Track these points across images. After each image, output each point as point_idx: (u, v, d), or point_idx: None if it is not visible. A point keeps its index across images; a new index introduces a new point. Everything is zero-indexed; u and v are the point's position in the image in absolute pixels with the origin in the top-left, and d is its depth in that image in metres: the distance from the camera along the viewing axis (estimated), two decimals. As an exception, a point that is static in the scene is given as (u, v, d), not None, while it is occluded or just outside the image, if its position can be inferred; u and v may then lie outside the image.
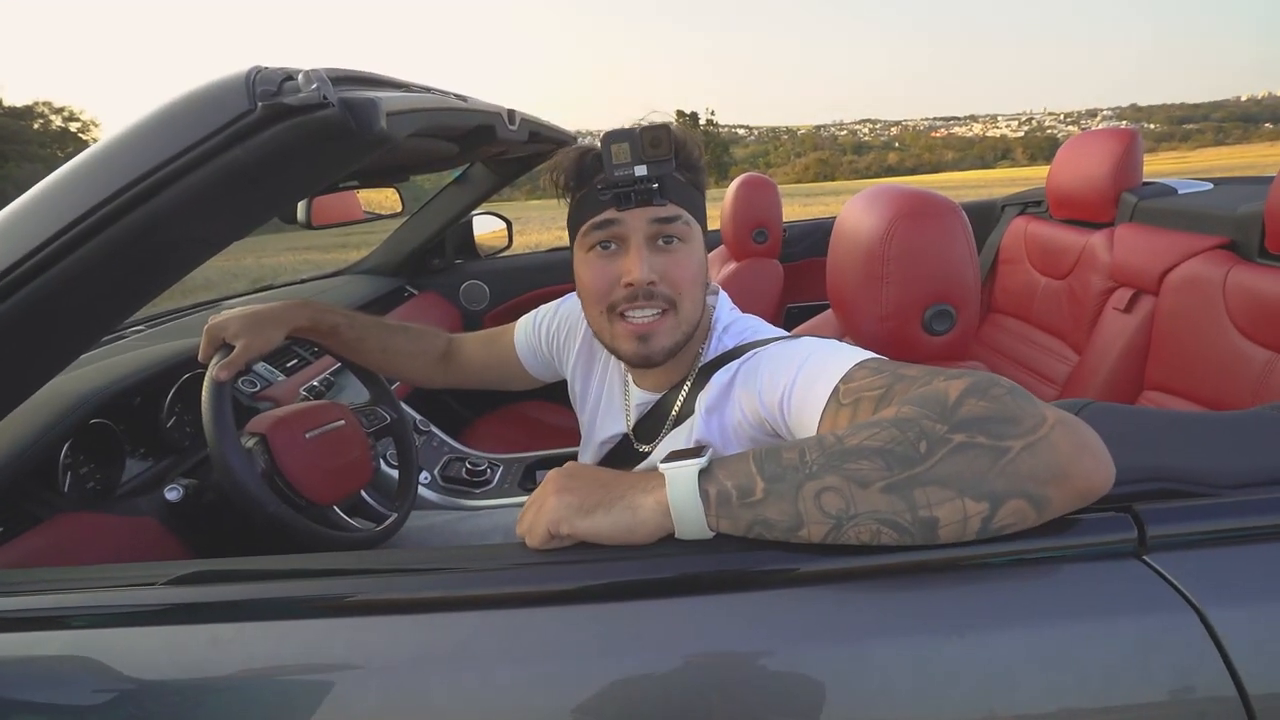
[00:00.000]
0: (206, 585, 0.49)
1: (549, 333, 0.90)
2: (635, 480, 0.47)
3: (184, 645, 0.47)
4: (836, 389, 0.52)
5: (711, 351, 0.70)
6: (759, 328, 0.72)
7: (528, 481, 1.37)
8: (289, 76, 0.52)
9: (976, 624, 0.42)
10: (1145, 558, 0.44)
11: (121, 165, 0.50)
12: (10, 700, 0.48)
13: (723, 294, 0.76)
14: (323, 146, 0.53)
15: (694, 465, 0.45)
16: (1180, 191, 1.49)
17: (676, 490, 0.44)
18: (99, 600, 0.50)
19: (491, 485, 1.36)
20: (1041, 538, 0.42)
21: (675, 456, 0.46)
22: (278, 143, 0.51)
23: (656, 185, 0.62)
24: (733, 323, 0.72)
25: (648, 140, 0.61)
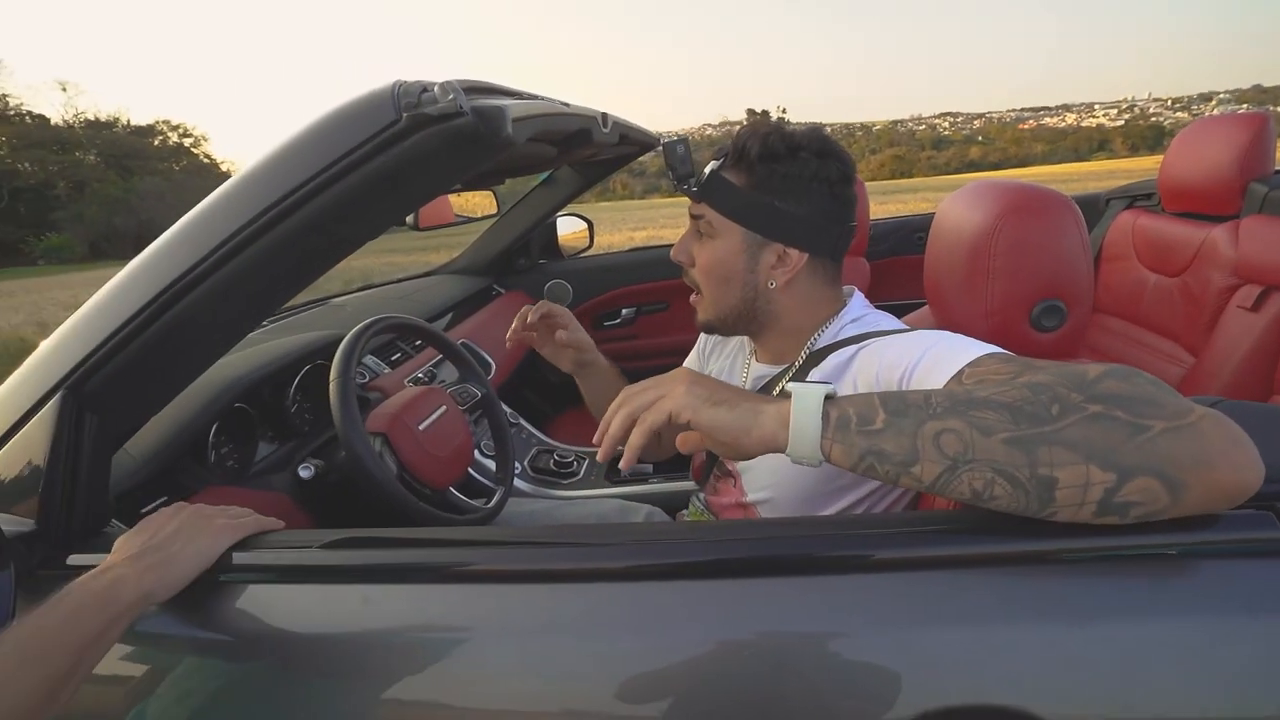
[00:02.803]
0: (357, 550, 0.55)
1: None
2: (760, 396, 0.50)
3: (339, 602, 0.52)
4: (961, 371, 0.52)
5: (829, 338, 0.73)
6: (884, 322, 0.74)
7: (613, 474, 1.41)
8: (425, 88, 0.57)
9: (1107, 614, 0.41)
10: (1292, 559, 0.42)
11: (288, 171, 0.56)
12: (187, 641, 0.55)
13: (858, 295, 0.79)
14: (456, 151, 0.58)
15: (821, 387, 0.47)
16: None
17: (801, 404, 0.46)
18: (263, 559, 0.57)
19: (578, 477, 1.41)
20: (1179, 532, 0.41)
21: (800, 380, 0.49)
22: (418, 149, 0.56)
23: (690, 185, 0.74)
24: (862, 317, 0.75)
25: (668, 151, 0.74)
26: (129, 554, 0.53)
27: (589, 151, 1.30)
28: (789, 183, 0.70)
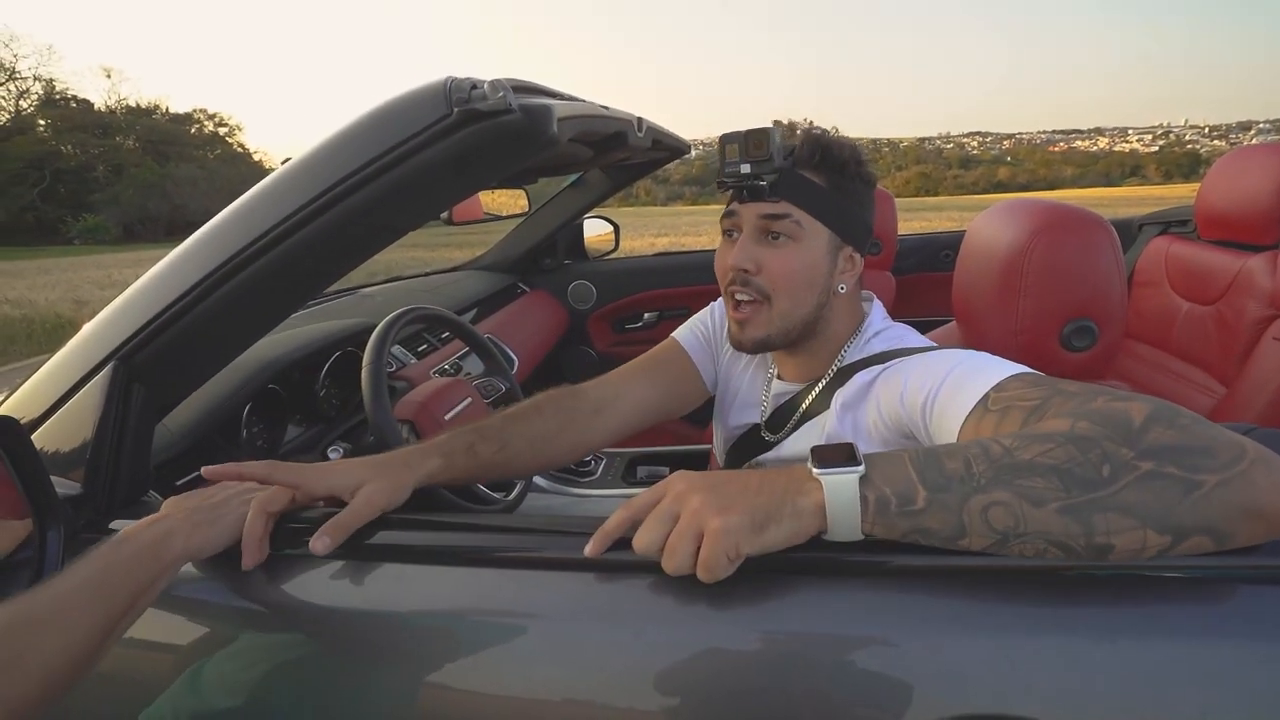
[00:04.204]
0: (389, 530, 0.56)
1: (717, 322, 0.91)
2: (784, 482, 0.45)
3: (371, 579, 0.54)
4: (986, 396, 0.51)
5: (856, 354, 0.72)
6: (909, 337, 0.73)
7: (630, 475, 1.42)
8: (475, 85, 0.59)
9: (1130, 632, 0.41)
10: (1325, 588, 0.42)
11: (341, 159, 0.58)
12: (221, 613, 0.57)
13: (877, 303, 0.77)
14: (503, 147, 0.59)
15: (854, 473, 0.43)
16: None
17: (836, 497, 0.43)
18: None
19: (595, 476, 1.42)
20: (1204, 556, 0.41)
21: (822, 456, 0.44)
22: (466, 144, 0.58)
23: (765, 183, 0.67)
24: (884, 330, 0.73)
25: (752, 142, 0.67)
26: (180, 509, 0.55)
27: (622, 154, 1.32)
28: (863, 186, 0.72)
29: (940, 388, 0.57)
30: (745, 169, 0.68)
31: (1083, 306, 0.76)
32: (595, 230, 2.22)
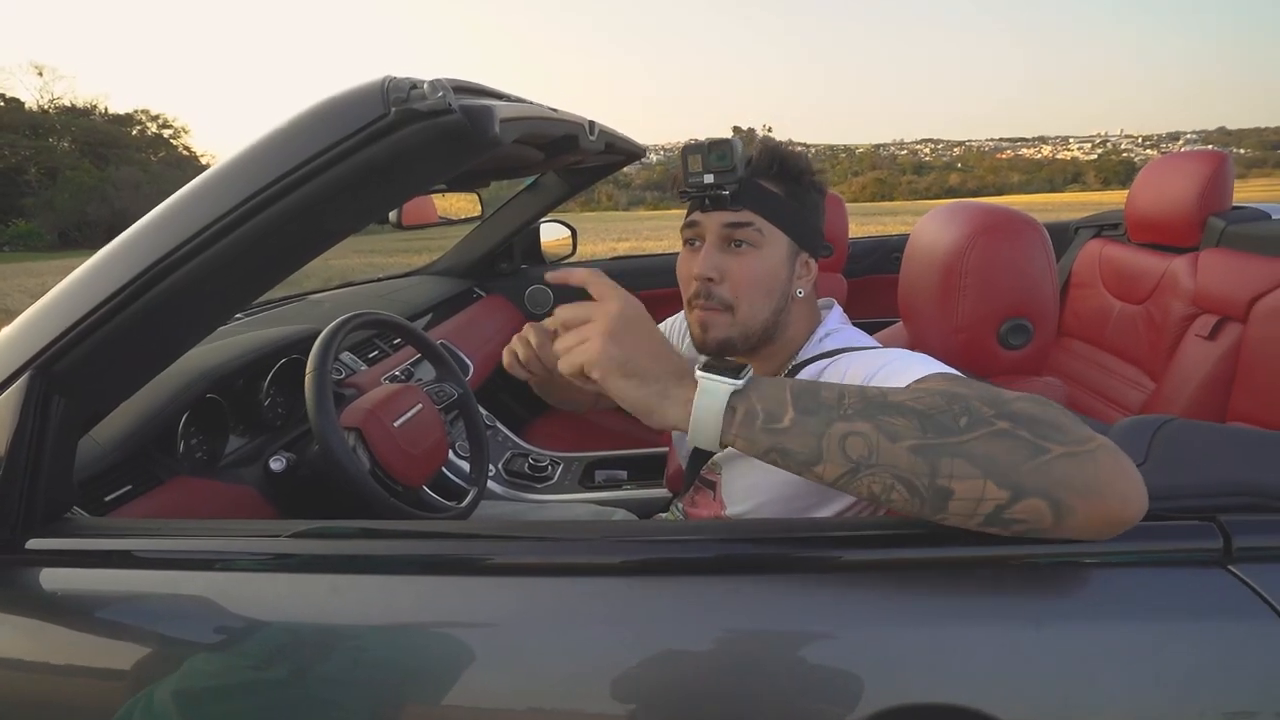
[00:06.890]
0: (326, 540, 0.54)
1: (677, 337, 0.93)
2: (678, 370, 0.48)
3: (307, 592, 0.52)
4: (908, 386, 0.54)
5: (809, 351, 0.75)
6: (859, 339, 0.76)
7: (587, 479, 1.42)
8: (414, 85, 0.58)
9: (1058, 618, 0.43)
10: (1231, 568, 0.44)
11: (274, 159, 0.56)
12: (153, 632, 0.55)
13: (837, 308, 0.80)
14: (443, 148, 0.58)
15: (729, 384, 0.45)
16: (1275, 217, 1.42)
17: (704, 400, 0.44)
18: (232, 547, 0.56)
19: (552, 481, 1.41)
20: (1130, 541, 0.43)
21: (713, 365, 0.46)
22: (404, 145, 0.57)
23: (727, 192, 0.69)
24: (838, 331, 0.76)
25: (715, 153, 0.69)
26: None
27: (575, 158, 1.32)
28: (815, 195, 0.74)
29: (874, 377, 0.60)
30: (709, 179, 0.69)
31: (1018, 306, 0.79)
32: (552, 234, 2.21)
